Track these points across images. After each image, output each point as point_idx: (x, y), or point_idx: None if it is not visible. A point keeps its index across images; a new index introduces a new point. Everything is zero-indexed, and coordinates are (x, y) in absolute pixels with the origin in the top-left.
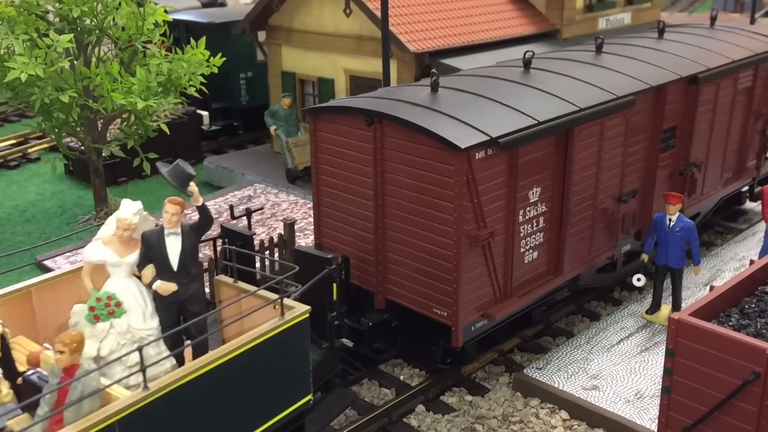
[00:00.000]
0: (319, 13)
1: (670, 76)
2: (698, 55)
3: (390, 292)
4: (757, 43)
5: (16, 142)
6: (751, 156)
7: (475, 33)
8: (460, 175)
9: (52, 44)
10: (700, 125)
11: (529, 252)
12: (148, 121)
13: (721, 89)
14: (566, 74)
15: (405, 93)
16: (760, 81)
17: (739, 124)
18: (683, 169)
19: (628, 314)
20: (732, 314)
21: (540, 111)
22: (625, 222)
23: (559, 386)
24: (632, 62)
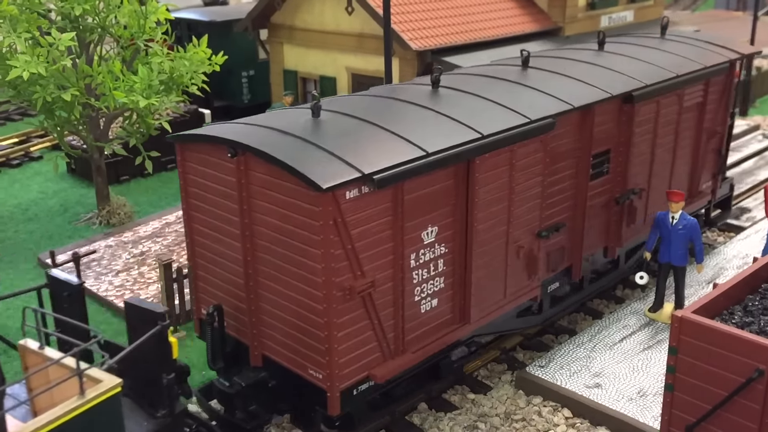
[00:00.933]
0: (321, 11)
1: (599, 94)
2: (637, 70)
3: (266, 347)
4: (709, 55)
5: (18, 141)
6: (705, 178)
7: (478, 31)
8: (325, 219)
9: (54, 42)
10: (639, 148)
11: (426, 300)
12: (150, 120)
13: (662, 107)
14: (478, 94)
15: (285, 118)
16: (712, 96)
17: (689, 144)
18: (619, 197)
19: (631, 312)
20: (735, 312)
21: (433, 140)
22: (550, 259)
23: (561, 384)
24: (559, 79)
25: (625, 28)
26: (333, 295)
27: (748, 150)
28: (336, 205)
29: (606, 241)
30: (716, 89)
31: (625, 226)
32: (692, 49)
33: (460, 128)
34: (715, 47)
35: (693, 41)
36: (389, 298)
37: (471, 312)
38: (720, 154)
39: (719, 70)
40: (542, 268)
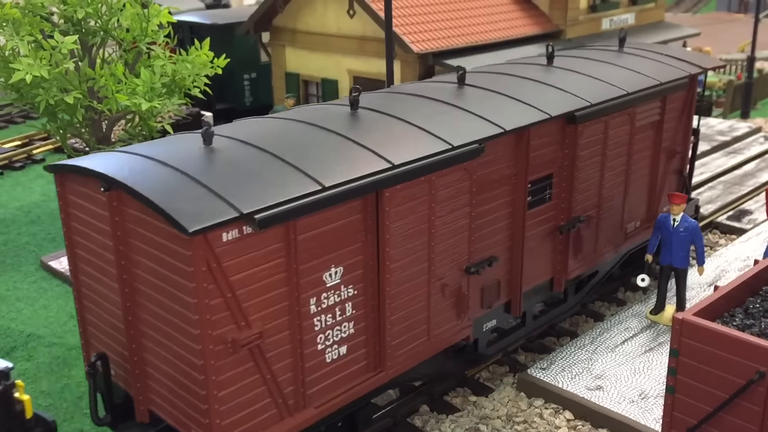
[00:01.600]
0: (323, 14)
1: (537, 116)
2: (584, 88)
3: (151, 401)
4: (666, 69)
5: (21, 144)
6: (666, 200)
7: (479, 34)
8: (197, 265)
9: (57, 45)
10: (585, 172)
11: (331, 348)
12: (152, 122)
13: (611, 127)
14: (400, 117)
15: (173, 146)
16: (670, 114)
17: (646, 166)
18: (563, 225)
19: (632, 314)
20: (736, 314)
21: (333, 171)
22: (484, 296)
23: (563, 386)
24: (495, 99)
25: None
26: (211, 350)
27: (749, 152)
28: (209, 249)
29: (551, 272)
30: (675, 106)
31: (572, 256)
32: (649, 64)
33: (369, 157)
34: (674, 61)
35: (651, 54)
36: (285, 349)
37: (387, 359)
38: (682, 175)
39: (677, 85)
40: (474, 306)
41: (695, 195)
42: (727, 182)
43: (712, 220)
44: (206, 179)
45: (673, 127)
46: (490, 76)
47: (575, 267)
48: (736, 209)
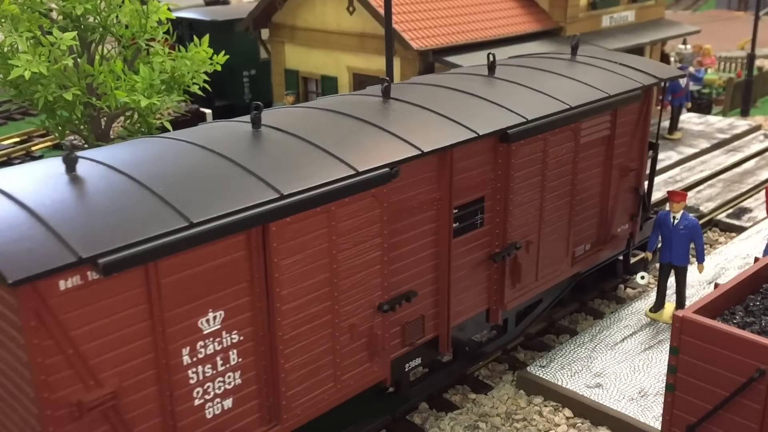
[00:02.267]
0: (323, 11)
1: (463, 134)
2: (523, 102)
3: None
4: (618, 80)
5: (19, 140)
6: (621, 220)
7: (479, 31)
8: (26, 319)
9: (56, 42)
10: (522, 194)
11: (213, 402)
12: (151, 119)
13: (551, 145)
14: (304, 138)
15: (34, 173)
16: (623, 128)
17: (595, 185)
18: (497, 253)
19: (632, 312)
20: (736, 312)
21: (207, 204)
22: (405, 333)
23: (562, 384)
24: (418, 116)
25: (626, 27)
26: (49, 415)
27: (749, 150)
28: (41, 300)
29: (486, 303)
30: (628, 120)
31: (510, 286)
32: (599, 74)
33: (254, 185)
34: (628, 71)
35: (604, 64)
36: (151, 407)
37: (284, 410)
38: (638, 193)
39: (629, 98)
40: (392, 345)
41: (690, 196)
42: (726, 180)
43: (712, 218)
44: (51, 215)
45: (626, 142)
46: (421, 89)
47: (513, 297)
48: (735, 207)
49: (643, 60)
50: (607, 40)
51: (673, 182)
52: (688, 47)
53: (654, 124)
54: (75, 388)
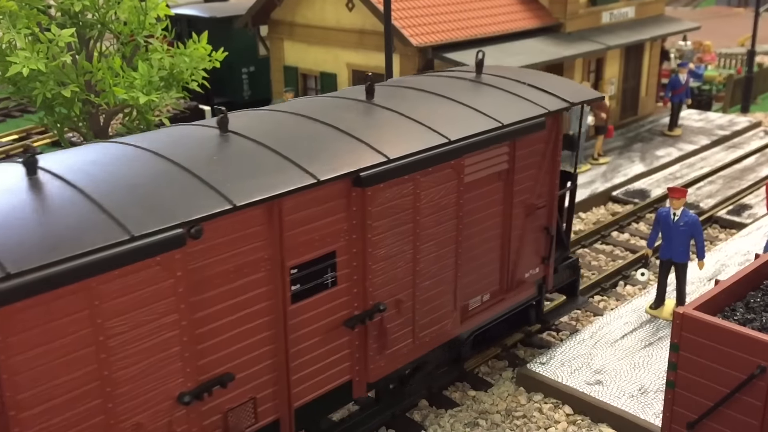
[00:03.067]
0: (322, 7)
1: (297, 179)
2: (391, 136)
3: None
4: (521, 105)
5: (18, 137)
6: (529, 264)
7: (479, 27)
8: None
9: (54, 39)
10: (387, 245)
11: None
12: (150, 116)
13: (423, 186)
14: (81, 189)
15: None
16: (525, 161)
17: (492, 227)
18: (355, 317)
19: (632, 309)
20: (737, 308)
21: None
22: (229, 422)
23: (562, 381)
24: (249, 156)
25: (626, 24)
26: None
27: (749, 147)
28: None
29: (348, 374)
30: (532, 151)
31: (376, 353)
32: (498, 99)
33: None
34: (535, 94)
35: (511, 85)
36: None
37: None
38: (549, 234)
39: (531, 126)
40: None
41: (690, 193)
42: (726, 177)
43: (712, 215)
44: None
45: (530, 176)
46: (271, 118)
47: (381, 366)
48: (736, 204)
49: (558, 81)
50: (607, 37)
51: (673, 179)
52: (688, 44)
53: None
54: None
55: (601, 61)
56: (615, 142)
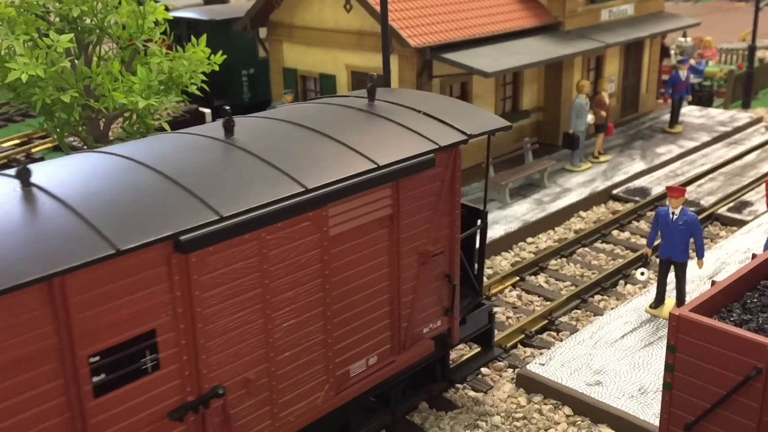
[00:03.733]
0: (320, 9)
1: (91, 249)
2: (233, 187)
3: None
4: (409, 140)
5: (19, 142)
6: (428, 317)
7: (477, 27)
8: None
9: (53, 44)
10: (225, 317)
11: None
12: (149, 120)
13: (272, 246)
14: None
15: None
16: (414, 203)
17: (376, 280)
18: (182, 406)
19: (632, 309)
20: (734, 309)
21: None
22: None
23: (562, 382)
24: (43, 214)
25: (626, 21)
26: None
27: (750, 143)
28: None
29: None
30: (420, 192)
31: None
32: (383, 133)
33: None
34: (429, 125)
35: (403, 115)
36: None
37: None
38: (451, 282)
39: (416, 165)
40: None
41: (691, 190)
42: (727, 173)
43: (713, 212)
44: None
45: (422, 219)
46: (85, 161)
47: None
48: (736, 200)
49: (460, 108)
50: (606, 34)
51: (674, 176)
52: (689, 40)
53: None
54: None
55: (601, 58)
56: (615, 139)
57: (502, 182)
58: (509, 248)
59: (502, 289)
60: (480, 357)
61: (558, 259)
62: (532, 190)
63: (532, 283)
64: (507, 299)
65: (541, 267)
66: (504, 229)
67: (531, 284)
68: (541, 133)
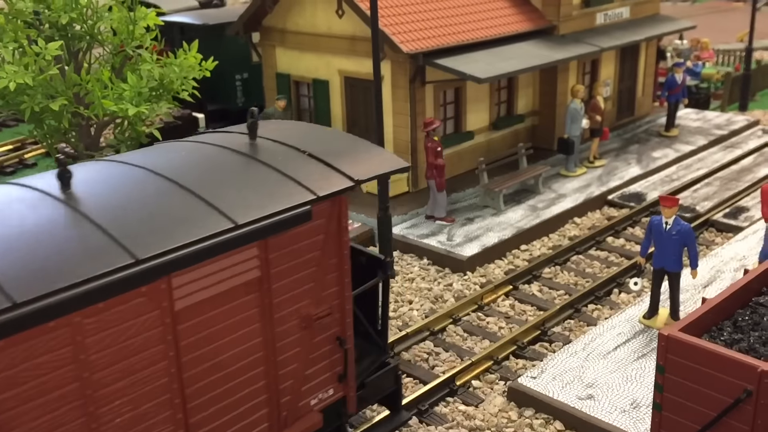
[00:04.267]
0: (313, 14)
1: None
2: (42, 259)
3: None
4: (284, 191)
5: (12, 148)
6: (317, 386)
7: (471, 32)
8: None
9: (41, 52)
10: (33, 419)
11: None
12: (139, 127)
13: (91, 331)
14: None
15: None
16: (290, 261)
17: (246, 351)
18: None
19: (626, 319)
20: (725, 327)
21: None
22: None
23: (553, 396)
24: None
25: (621, 24)
26: None
27: (747, 146)
28: None
29: None
30: (297, 249)
31: None
32: (253, 180)
33: None
34: (312, 169)
35: (282, 157)
36: None
37: None
38: (343, 345)
39: (288, 220)
40: None
41: (686, 196)
42: (723, 178)
43: (708, 218)
44: None
45: (303, 278)
46: None
47: None
48: (732, 206)
49: (352, 146)
50: (601, 38)
51: (669, 181)
52: (684, 42)
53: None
54: None
55: (596, 62)
56: (611, 143)
57: (496, 188)
58: (503, 256)
59: (495, 299)
60: (385, 423)
61: (552, 267)
62: (527, 196)
63: (525, 291)
64: (500, 309)
65: (534, 275)
66: (498, 237)
67: (524, 293)
68: (536, 137)
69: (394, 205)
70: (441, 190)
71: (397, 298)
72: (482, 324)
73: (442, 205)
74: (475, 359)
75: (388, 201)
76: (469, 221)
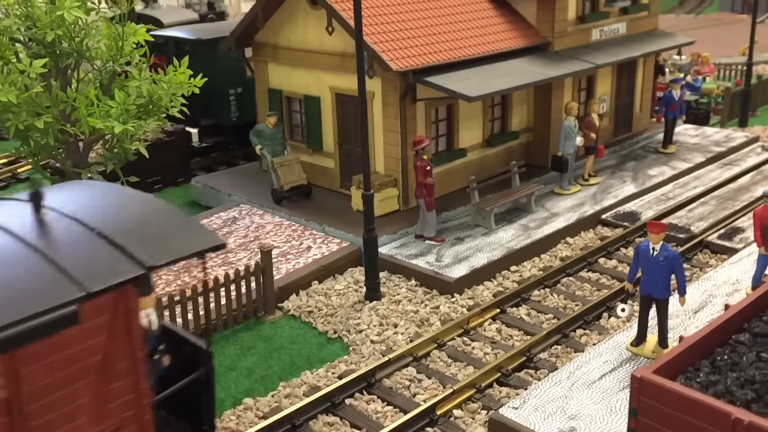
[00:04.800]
0: (304, 30)
1: None
2: None
3: None
4: (46, 288)
5: (6, 162)
6: None
7: (463, 48)
8: None
9: (26, 69)
10: None
11: None
12: (127, 145)
13: None
14: None
15: None
16: (56, 374)
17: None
18: None
19: (613, 346)
20: (702, 368)
21: None
22: None
23: (534, 428)
24: None
25: (618, 40)
26: None
27: (745, 164)
28: None
29: None
30: (65, 357)
31: None
32: (10, 273)
33: None
34: (95, 253)
35: (62, 237)
36: None
37: None
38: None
39: (39, 328)
40: None
41: (681, 215)
42: (720, 197)
43: (703, 239)
44: None
45: (75, 392)
46: None
47: None
48: (727, 227)
49: (160, 220)
50: (597, 55)
51: (665, 199)
52: (683, 57)
53: None
54: None
55: (593, 78)
56: (608, 160)
57: (487, 207)
58: (492, 277)
59: (482, 323)
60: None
61: (541, 290)
62: (519, 215)
63: (513, 315)
64: (486, 333)
65: (523, 298)
66: (487, 258)
67: (512, 317)
68: (530, 154)
69: (383, 224)
70: (430, 209)
71: (383, 321)
72: (467, 349)
73: (432, 224)
74: (457, 387)
75: (373, 222)
76: (459, 241)
